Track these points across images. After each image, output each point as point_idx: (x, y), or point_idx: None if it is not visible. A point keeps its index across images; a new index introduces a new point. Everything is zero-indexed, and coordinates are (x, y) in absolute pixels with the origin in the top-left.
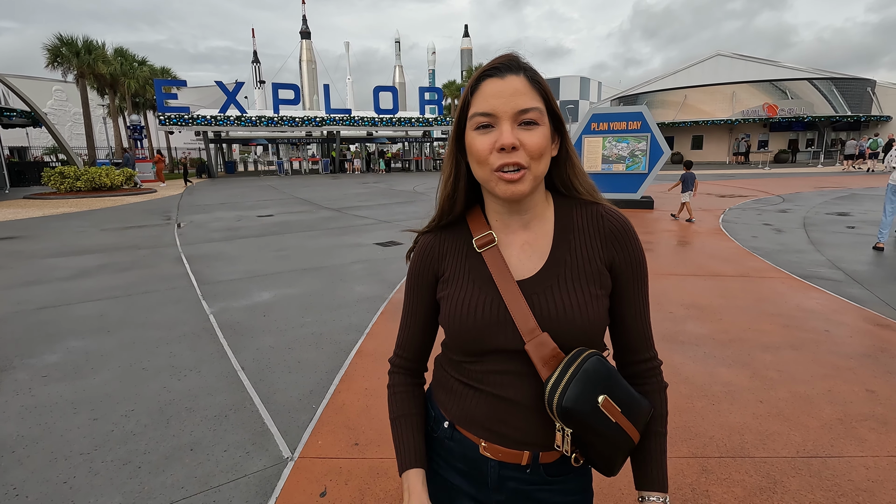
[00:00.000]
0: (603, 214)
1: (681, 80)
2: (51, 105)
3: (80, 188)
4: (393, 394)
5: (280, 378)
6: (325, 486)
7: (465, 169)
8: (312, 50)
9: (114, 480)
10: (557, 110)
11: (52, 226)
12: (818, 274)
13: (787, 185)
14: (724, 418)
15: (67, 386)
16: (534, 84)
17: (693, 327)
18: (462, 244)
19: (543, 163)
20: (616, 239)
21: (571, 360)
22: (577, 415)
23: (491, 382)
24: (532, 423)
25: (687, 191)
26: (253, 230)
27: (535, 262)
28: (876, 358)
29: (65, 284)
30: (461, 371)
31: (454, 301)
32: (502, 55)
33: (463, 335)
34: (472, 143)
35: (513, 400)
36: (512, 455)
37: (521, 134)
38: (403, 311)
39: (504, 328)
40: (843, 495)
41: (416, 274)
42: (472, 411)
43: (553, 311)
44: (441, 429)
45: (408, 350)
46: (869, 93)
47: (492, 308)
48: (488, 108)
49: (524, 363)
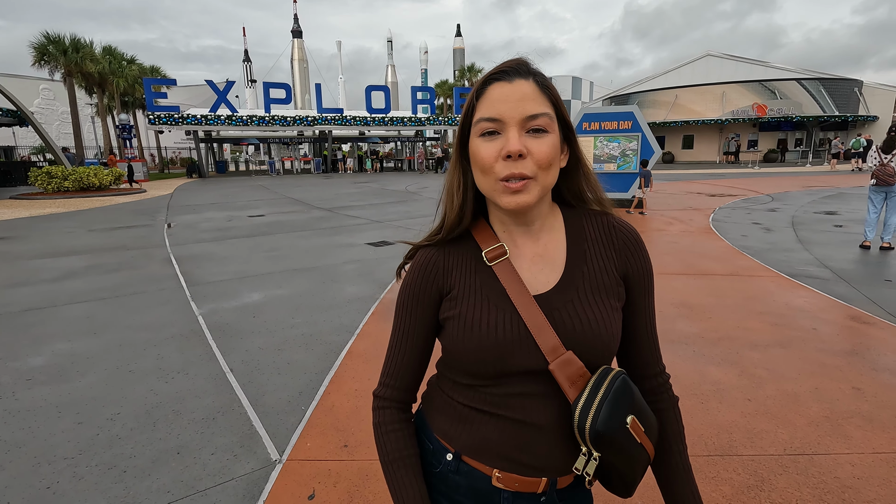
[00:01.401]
0: (614, 225)
1: (671, 80)
2: (38, 104)
3: (68, 188)
4: (384, 433)
5: (269, 380)
6: (314, 488)
7: (472, 178)
8: (304, 49)
9: (98, 485)
10: (567, 117)
11: (40, 226)
12: (806, 272)
13: (777, 184)
14: (712, 417)
15: (52, 389)
16: (543, 89)
17: (683, 326)
18: (470, 258)
19: (552, 173)
20: (629, 249)
21: (600, 380)
22: (609, 438)
23: (509, 406)
24: (554, 447)
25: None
26: (244, 230)
27: (549, 275)
28: (862, 355)
29: (51, 286)
30: (472, 396)
31: (467, 320)
32: (510, 60)
33: (481, 356)
34: (476, 151)
35: (535, 424)
36: (529, 484)
37: (529, 141)
38: (394, 335)
39: (526, 347)
40: (830, 492)
41: (415, 292)
42: (487, 439)
43: (576, 328)
44: (444, 462)
45: (400, 379)
46: (856, 93)
47: (511, 326)
48: (494, 113)
49: (546, 384)
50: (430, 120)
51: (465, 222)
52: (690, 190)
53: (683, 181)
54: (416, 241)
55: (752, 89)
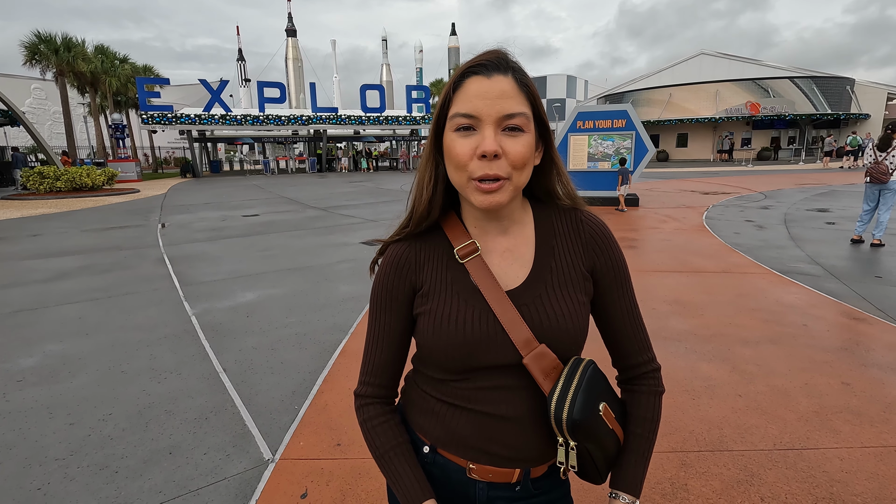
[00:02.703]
0: (582, 220)
1: (666, 79)
2: (29, 103)
3: (61, 188)
4: (371, 427)
5: (262, 379)
6: (307, 487)
7: (444, 171)
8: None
9: (90, 486)
10: (544, 116)
11: (31, 227)
12: (797, 269)
13: (770, 181)
14: (703, 412)
15: (43, 390)
16: (522, 87)
17: (676, 323)
18: (441, 253)
19: (526, 173)
20: (596, 243)
21: (573, 371)
22: (585, 426)
23: (480, 400)
24: (527, 438)
25: (624, 184)
26: (238, 230)
27: (519, 270)
28: (851, 351)
29: (43, 287)
30: (444, 390)
31: (438, 316)
32: (489, 51)
33: (451, 352)
34: (450, 146)
35: (505, 416)
36: (503, 474)
37: (505, 141)
38: (370, 332)
39: (497, 342)
40: (818, 486)
41: (387, 288)
42: (459, 432)
43: (543, 323)
44: (420, 455)
45: (380, 376)
46: (848, 91)
47: (482, 322)
48: (471, 109)
49: (517, 377)
50: (426, 119)
51: (434, 215)
52: (684, 188)
53: (677, 179)
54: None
55: (745, 88)
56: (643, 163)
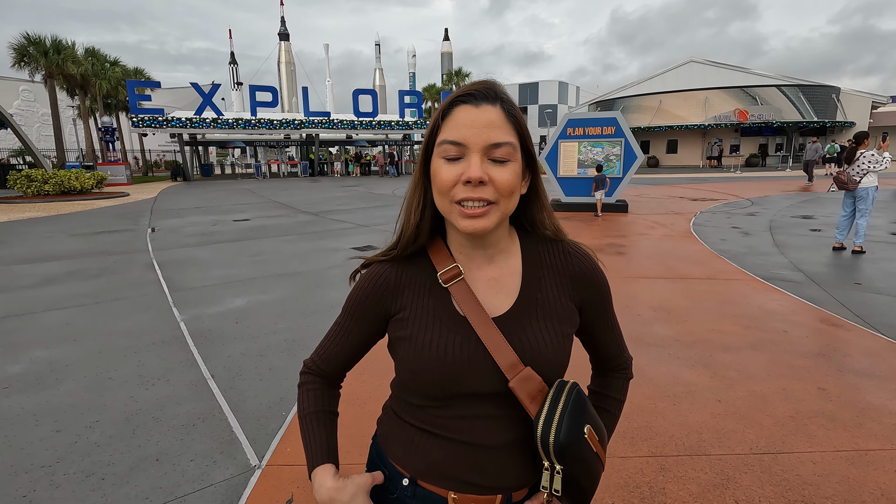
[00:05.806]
0: (570, 252)
1: (656, 86)
2: (17, 105)
3: (49, 192)
4: (305, 391)
5: (250, 386)
6: (292, 493)
7: (432, 197)
8: (291, 52)
9: (76, 493)
10: (531, 146)
11: (19, 231)
12: (780, 276)
13: (757, 188)
14: (683, 417)
15: (30, 397)
16: (509, 117)
17: (659, 329)
18: (424, 278)
19: (513, 200)
20: (586, 277)
21: (558, 394)
22: (571, 450)
23: (458, 429)
24: (507, 465)
25: (600, 189)
26: (228, 235)
27: (504, 299)
28: (829, 357)
29: (30, 292)
30: (423, 417)
31: (418, 342)
32: (479, 81)
33: (430, 378)
34: (437, 172)
35: (484, 445)
36: (484, 502)
37: (491, 169)
38: (335, 325)
39: (481, 367)
40: (791, 489)
41: (361, 300)
42: (439, 462)
43: (530, 351)
44: (400, 488)
45: (330, 364)
46: (834, 99)
47: (463, 348)
48: (458, 136)
49: (497, 405)
50: (418, 123)
51: (422, 240)
52: (673, 194)
53: (667, 185)
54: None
55: (734, 95)
56: (632, 169)
